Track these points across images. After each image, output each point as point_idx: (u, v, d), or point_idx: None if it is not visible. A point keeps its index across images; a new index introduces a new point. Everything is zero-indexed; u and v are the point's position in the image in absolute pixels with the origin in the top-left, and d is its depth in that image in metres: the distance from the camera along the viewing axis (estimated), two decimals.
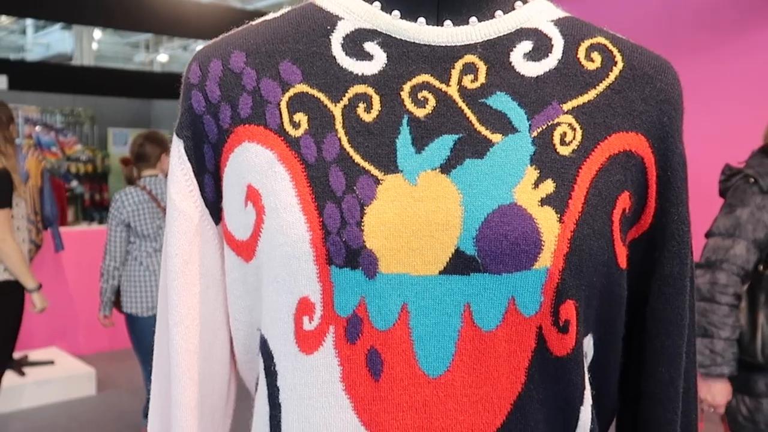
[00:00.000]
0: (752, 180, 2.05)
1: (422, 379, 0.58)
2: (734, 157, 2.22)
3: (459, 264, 0.58)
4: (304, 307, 0.60)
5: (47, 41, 14.06)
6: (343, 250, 0.58)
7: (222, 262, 0.69)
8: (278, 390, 0.63)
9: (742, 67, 4.19)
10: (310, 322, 0.60)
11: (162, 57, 14.84)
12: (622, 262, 0.64)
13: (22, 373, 4.42)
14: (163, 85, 8.78)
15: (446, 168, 0.59)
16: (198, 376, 0.68)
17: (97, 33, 13.07)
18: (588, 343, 0.64)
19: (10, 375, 4.19)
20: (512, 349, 0.59)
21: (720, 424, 2.22)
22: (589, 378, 0.65)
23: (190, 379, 0.67)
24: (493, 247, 0.57)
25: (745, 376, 2.07)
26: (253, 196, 0.63)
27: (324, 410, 0.60)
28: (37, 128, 8.28)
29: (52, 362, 4.77)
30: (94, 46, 13.20)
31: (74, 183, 8.25)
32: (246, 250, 0.64)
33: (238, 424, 0.84)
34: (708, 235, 2.06)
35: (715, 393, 2.00)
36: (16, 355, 4.42)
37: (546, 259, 0.58)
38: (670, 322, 0.67)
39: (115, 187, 8.92)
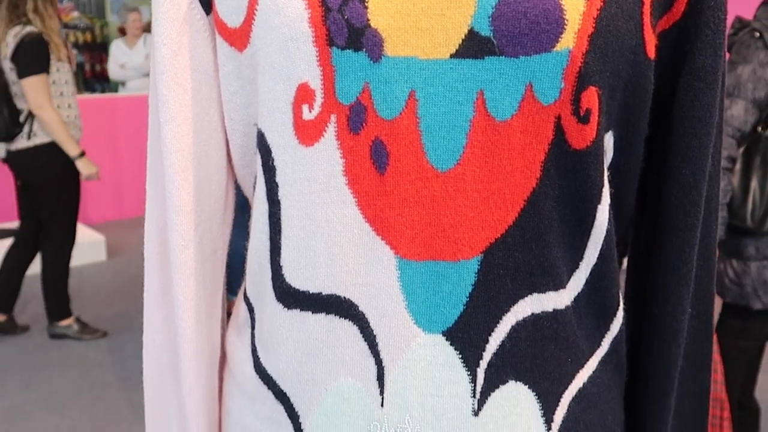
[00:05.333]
0: (757, 34, 1.95)
1: (430, 172, 0.54)
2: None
3: (472, 46, 0.52)
4: (303, 95, 0.55)
5: None
6: (345, 29, 0.53)
7: (214, 56, 0.63)
8: (277, 186, 0.59)
9: None
10: (310, 111, 0.55)
11: None
12: (651, 51, 0.58)
13: None
14: None
15: None
16: (193, 178, 0.64)
17: None
18: (608, 141, 0.59)
19: None
20: (528, 140, 0.54)
21: None
22: (608, 176, 0.61)
23: (185, 181, 0.63)
24: (511, 27, 0.51)
25: (735, 241, 2.06)
26: None
27: (325, 205, 0.57)
28: None
29: None
30: None
31: (74, 52, 8.04)
32: (239, 37, 0.59)
33: None
34: None
35: None
36: None
37: (568, 40, 0.52)
38: (698, 120, 0.61)
39: None
